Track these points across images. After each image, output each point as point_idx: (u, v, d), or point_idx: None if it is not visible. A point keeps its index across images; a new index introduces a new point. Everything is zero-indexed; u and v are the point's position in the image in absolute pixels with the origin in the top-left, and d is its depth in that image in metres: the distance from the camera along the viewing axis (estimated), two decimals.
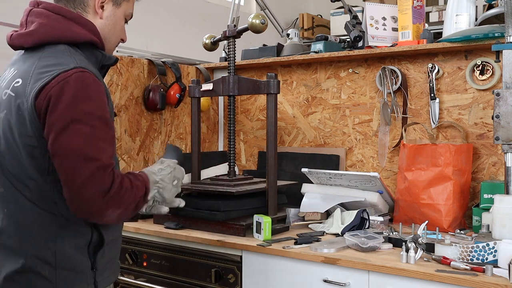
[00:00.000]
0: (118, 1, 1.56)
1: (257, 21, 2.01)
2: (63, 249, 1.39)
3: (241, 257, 1.91)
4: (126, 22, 1.63)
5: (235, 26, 2.14)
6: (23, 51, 1.47)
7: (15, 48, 1.49)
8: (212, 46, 2.29)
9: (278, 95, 2.11)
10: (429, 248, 1.67)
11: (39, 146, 1.34)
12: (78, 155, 1.30)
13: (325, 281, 1.72)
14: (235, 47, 2.17)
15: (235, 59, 2.17)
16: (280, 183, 2.16)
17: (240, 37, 2.16)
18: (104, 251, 1.47)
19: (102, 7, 1.52)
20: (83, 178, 1.29)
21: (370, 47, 2.37)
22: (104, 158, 1.32)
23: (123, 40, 1.63)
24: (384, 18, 2.47)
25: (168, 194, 1.53)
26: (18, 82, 1.38)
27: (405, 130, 2.28)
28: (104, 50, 1.53)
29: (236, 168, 2.21)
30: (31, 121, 1.33)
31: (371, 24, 2.45)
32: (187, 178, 2.36)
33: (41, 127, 1.33)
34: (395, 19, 2.44)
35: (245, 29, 2.08)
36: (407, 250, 1.61)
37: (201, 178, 2.33)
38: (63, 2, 1.49)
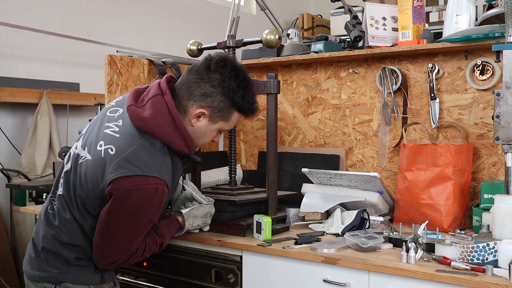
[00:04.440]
0: (215, 120, 1.70)
1: (272, 37, 2.03)
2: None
3: (241, 257, 1.91)
4: (220, 132, 1.78)
5: (234, 36, 2.15)
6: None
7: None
8: (198, 53, 2.28)
9: (278, 95, 2.11)
10: (429, 248, 1.67)
11: (91, 204, 1.62)
12: (116, 238, 1.60)
13: (325, 281, 1.72)
14: (235, 51, 2.17)
15: (235, 53, 2.17)
16: (279, 193, 2.16)
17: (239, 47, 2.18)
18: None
19: (198, 117, 1.68)
20: (105, 248, 1.61)
21: (370, 47, 2.37)
22: (130, 245, 1.62)
23: (213, 141, 1.80)
24: (384, 18, 2.47)
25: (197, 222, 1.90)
26: (112, 150, 1.58)
27: (405, 130, 2.28)
28: (192, 153, 1.73)
29: (239, 167, 2.20)
30: (101, 189, 1.57)
31: (371, 24, 2.45)
32: (186, 178, 2.36)
33: (104, 196, 1.58)
34: (395, 19, 2.44)
35: (254, 42, 2.10)
36: (407, 250, 1.61)
37: (202, 180, 2.33)
38: (178, 93, 1.67)
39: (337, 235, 1.98)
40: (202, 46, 2.27)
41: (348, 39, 2.40)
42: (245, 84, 1.69)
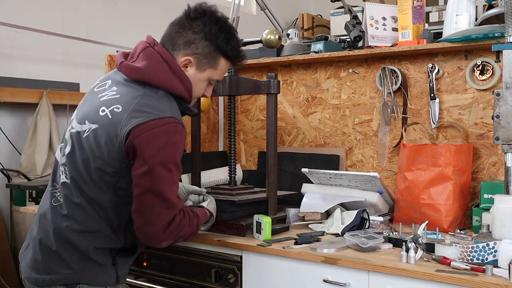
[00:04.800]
0: (202, 68, 1.68)
1: (272, 37, 2.03)
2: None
3: (241, 257, 1.91)
4: (210, 83, 1.75)
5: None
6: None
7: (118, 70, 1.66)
8: None
9: (278, 95, 2.11)
10: (429, 248, 1.67)
11: (114, 169, 1.54)
12: (157, 194, 1.52)
13: (325, 281, 1.72)
14: None
15: None
16: (279, 193, 2.16)
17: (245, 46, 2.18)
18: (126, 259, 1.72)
19: (186, 66, 1.66)
20: (155, 213, 1.53)
21: (370, 47, 2.37)
22: (174, 198, 1.56)
23: (204, 96, 1.78)
24: (384, 18, 2.47)
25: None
26: (118, 108, 1.54)
27: (405, 130, 2.28)
28: (190, 103, 1.71)
29: (239, 167, 2.19)
30: (118, 148, 1.52)
31: (371, 24, 2.45)
32: (186, 178, 2.36)
33: (123, 156, 1.52)
34: (395, 19, 2.44)
35: (254, 42, 2.09)
36: (407, 250, 1.61)
37: (202, 180, 2.33)
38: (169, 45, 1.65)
39: (337, 235, 1.98)
40: None
41: (348, 39, 2.40)
42: (226, 28, 1.67)
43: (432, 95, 2.23)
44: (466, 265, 1.52)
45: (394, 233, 1.86)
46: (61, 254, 1.58)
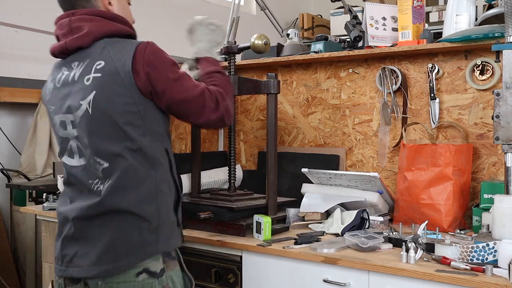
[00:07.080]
0: None
1: (260, 42, 2.03)
2: (161, 208, 1.57)
3: (241, 257, 1.91)
4: (129, 4, 1.81)
5: (235, 42, 2.15)
6: (68, 55, 1.63)
7: (68, 52, 1.62)
8: None
9: (278, 95, 2.11)
10: (429, 248, 1.67)
11: (138, 111, 1.52)
12: (193, 92, 1.59)
13: (325, 281, 1.72)
14: (235, 60, 2.16)
15: (235, 60, 2.17)
16: (279, 199, 2.14)
17: (240, 53, 2.18)
18: (181, 208, 1.69)
19: (109, 3, 1.67)
20: (207, 103, 1.60)
21: (370, 47, 2.37)
22: (194, 83, 1.62)
23: (133, 22, 1.79)
24: (384, 18, 2.47)
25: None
26: (100, 64, 1.53)
27: (405, 130, 2.28)
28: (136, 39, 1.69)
29: (239, 167, 2.19)
30: (129, 89, 1.51)
31: (371, 24, 2.45)
32: (186, 178, 2.36)
33: (138, 91, 1.51)
34: (395, 19, 2.44)
35: (247, 48, 2.10)
36: (407, 250, 1.61)
37: (202, 180, 2.33)
38: (81, 7, 1.64)
39: (337, 235, 1.98)
40: None
41: (348, 39, 2.40)
42: None
43: (432, 95, 2.23)
44: (466, 265, 1.52)
45: (394, 233, 1.86)
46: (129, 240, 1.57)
